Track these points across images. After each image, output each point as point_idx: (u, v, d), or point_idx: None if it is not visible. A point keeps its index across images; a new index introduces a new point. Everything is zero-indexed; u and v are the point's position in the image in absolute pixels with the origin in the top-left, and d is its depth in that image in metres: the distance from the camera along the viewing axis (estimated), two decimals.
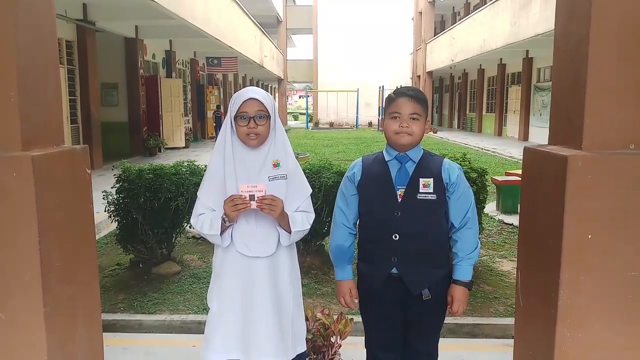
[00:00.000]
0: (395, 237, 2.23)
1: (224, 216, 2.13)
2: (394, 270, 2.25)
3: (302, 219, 2.23)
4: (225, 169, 2.16)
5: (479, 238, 2.32)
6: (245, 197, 2.07)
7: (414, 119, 2.20)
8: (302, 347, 2.36)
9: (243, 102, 2.14)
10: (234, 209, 2.07)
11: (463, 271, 2.27)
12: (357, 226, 2.40)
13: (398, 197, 2.24)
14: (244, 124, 2.14)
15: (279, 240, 2.23)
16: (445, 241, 2.31)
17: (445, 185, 2.24)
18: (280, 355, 2.24)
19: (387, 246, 2.25)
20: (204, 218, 2.19)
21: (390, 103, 2.26)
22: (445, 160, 2.31)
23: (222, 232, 2.17)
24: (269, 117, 2.17)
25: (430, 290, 2.26)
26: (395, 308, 2.33)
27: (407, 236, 2.23)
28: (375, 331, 2.41)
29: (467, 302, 2.31)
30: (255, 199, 2.08)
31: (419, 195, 2.22)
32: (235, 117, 2.16)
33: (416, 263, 2.24)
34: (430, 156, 2.32)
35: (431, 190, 2.22)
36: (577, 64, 2.20)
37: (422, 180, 2.23)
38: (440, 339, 2.46)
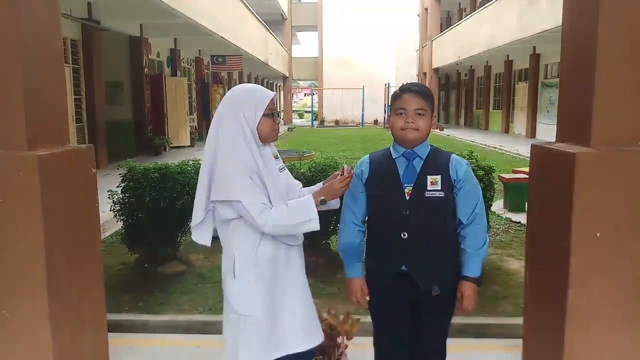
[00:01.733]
0: (404, 235, 2.23)
1: (322, 197, 2.16)
2: (403, 268, 2.26)
3: None
4: (260, 168, 2.13)
5: (487, 234, 2.30)
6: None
7: (419, 114, 2.20)
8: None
9: (271, 99, 2.18)
10: (346, 185, 2.17)
11: (472, 267, 2.25)
12: (365, 223, 2.39)
13: (406, 195, 2.23)
14: (273, 120, 2.19)
15: None
16: (454, 237, 2.29)
17: (453, 182, 2.23)
18: (317, 337, 2.32)
19: (396, 244, 2.25)
20: (284, 209, 2.10)
21: (396, 99, 2.27)
22: (453, 156, 2.29)
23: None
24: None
25: (439, 286, 2.26)
26: (404, 305, 2.33)
27: (416, 234, 2.23)
28: (385, 329, 2.41)
29: (477, 298, 2.29)
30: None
31: (427, 193, 2.21)
32: (264, 114, 2.15)
33: (425, 260, 2.24)
34: (438, 152, 2.31)
35: (439, 188, 2.21)
36: (585, 61, 2.18)
37: (429, 178, 2.22)
38: (448, 338, 2.44)
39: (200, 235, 2.26)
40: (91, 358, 2.52)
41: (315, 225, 2.11)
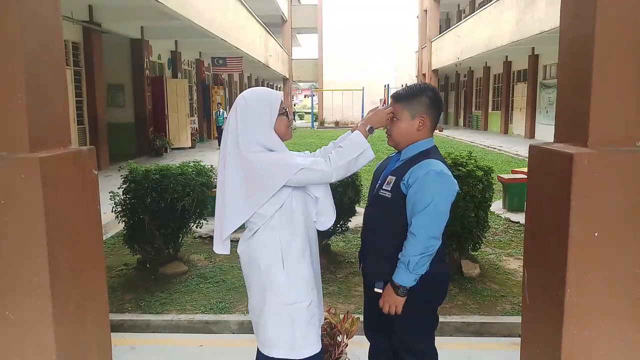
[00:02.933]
0: (363, 226, 2.43)
1: (370, 127, 2.27)
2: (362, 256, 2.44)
3: None
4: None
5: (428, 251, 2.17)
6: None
7: (394, 119, 2.30)
8: None
9: (282, 99, 2.25)
10: (390, 112, 2.29)
11: (396, 272, 2.19)
12: None
13: (375, 190, 2.37)
14: (287, 118, 2.25)
15: None
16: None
17: (402, 185, 2.20)
18: None
19: (360, 233, 2.45)
20: (337, 151, 2.21)
21: None
22: (424, 162, 2.21)
23: None
24: None
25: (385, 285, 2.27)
26: (370, 291, 2.41)
27: (367, 228, 2.39)
28: (363, 309, 2.58)
29: (394, 304, 2.21)
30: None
31: (380, 191, 2.29)
32: (279, 114, 2.21)
33: (373, 255, 2.35)
34: (420, 157, 2.25)
35: (389, 188, 2.25)
36: (582, 62, 2.20)
37: (388, 177, 2.29)
38: (446, 337, 2.46)
39: (223, 247, 2.31)
40: (94, 357, 2.54)
41: (371, 154, 2.23)
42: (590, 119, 2.14)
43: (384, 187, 2.27)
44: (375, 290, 2.28)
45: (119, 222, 4.96)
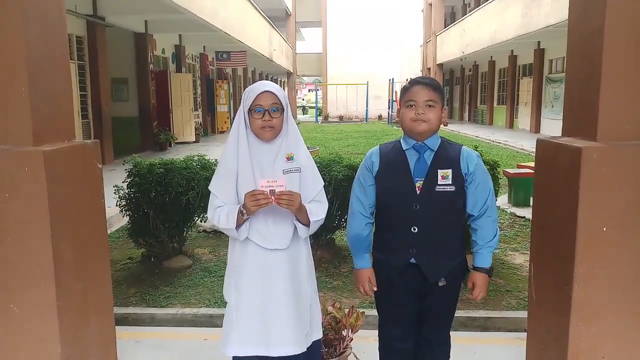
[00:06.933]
0: (414, 229, 2.23)
1: (242, 209, 2.09)
2: (412, 260, 2.26)
3: (318, 210, 2.21)
4: (239, 162, 2.15)
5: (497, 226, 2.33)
6: (267, 193, 2.03)
7: (429, 106, 2.20)
8: (319, 334, 2.37)
9: (258, 95, 2.13)
10: (255, 204, 2.04)
11: (483, 259, 2.29)
12: (374, 215, 2.39)
13: (417, 189, 2.23)
14: (259, 117, 2.13)
15: (294, 232, 2.21)
16: (462, 230, 2.32)
17: (464, 175, 2.22)
18: (299, 344, 2.23)
19: (405, 237, 2.26)
20: (220, 211, 2.15)
21: (406, 92, 2.26)
22: (464, 148, 2.28)
23: (238, 226, 2.14)
24: (283, 110, 2.16)
25: (446, 278, 2.29)
26: (411, 297, 2.34)
27: (425, 228, 2.23)
28: (391, 320, 2.42)
29: (487, 288, 2.35)
30: (275, 194, 2.04)
31: (437, 187, 2.21)
32: (250, 110, 2.14)
33: (434, 253, 2.26)
34: (448, 145, 2.30)
35: (450, 182, 2.21)
36: (591, 55, 2.17)
37: (440, 172, 2.21)
38: (452, 332, 2.46)
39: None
40: (98, 351, 2.54)
41: (234, 235, 2.17)
42: (599, 113, 2.12)
43: (441, 183, 2.21)
44: (441, 284, 2.28)
45: (123, 216, 4.97)
